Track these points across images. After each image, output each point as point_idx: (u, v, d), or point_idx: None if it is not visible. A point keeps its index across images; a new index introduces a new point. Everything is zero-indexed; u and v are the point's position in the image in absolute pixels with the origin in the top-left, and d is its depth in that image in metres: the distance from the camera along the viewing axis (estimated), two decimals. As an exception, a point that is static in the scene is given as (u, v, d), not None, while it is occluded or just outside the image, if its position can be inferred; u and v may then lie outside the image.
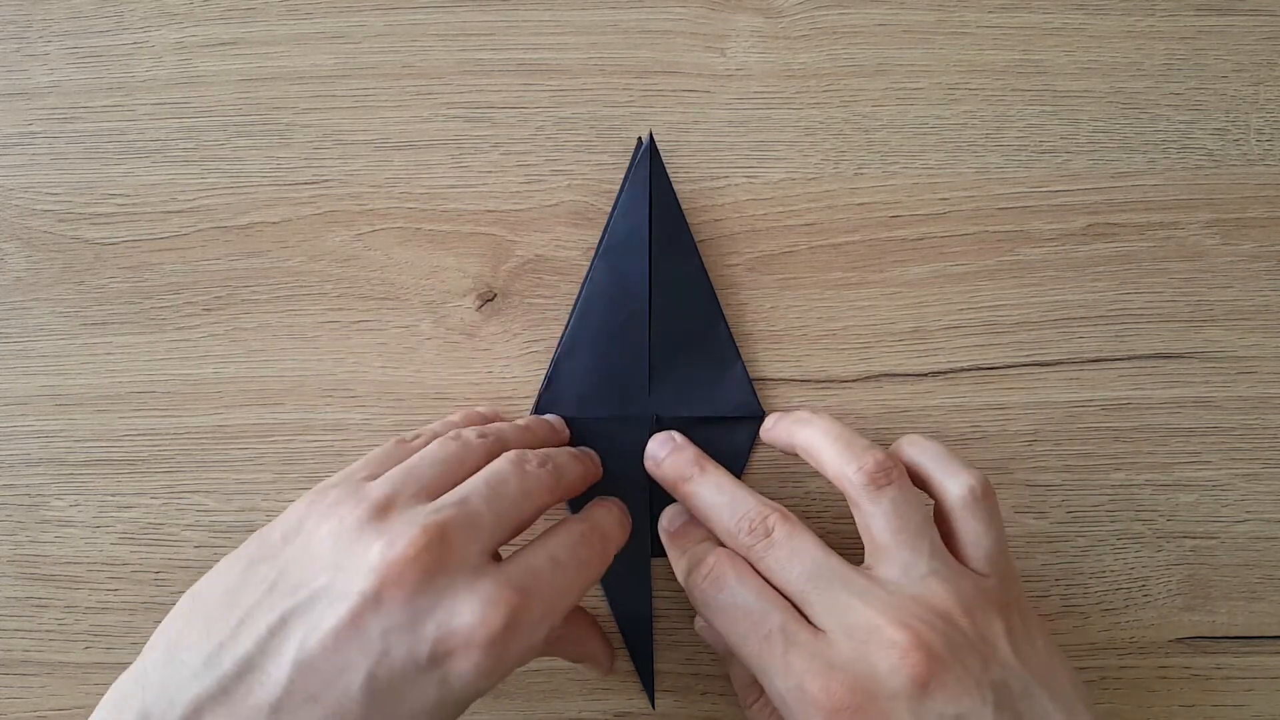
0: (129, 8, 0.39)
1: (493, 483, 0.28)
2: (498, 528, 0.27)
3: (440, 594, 0.25)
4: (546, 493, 0.29)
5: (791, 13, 0.39)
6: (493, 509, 0.27)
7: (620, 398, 0.36)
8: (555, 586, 0.27)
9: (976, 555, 0.30)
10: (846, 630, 0.28)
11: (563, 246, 0.38)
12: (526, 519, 0.29)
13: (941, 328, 0.37)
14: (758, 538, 0.30)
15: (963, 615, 0.28)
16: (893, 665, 0.27)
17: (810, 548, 0.30)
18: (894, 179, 0.38)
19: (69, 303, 0.38)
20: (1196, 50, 0.39)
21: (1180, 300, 0.38)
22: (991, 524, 0.30)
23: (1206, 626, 0.36)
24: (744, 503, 0.31)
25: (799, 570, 0.29)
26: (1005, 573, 0.30)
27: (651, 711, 0.36)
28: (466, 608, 0.25)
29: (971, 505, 0.30)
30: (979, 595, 0.29)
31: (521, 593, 0.26)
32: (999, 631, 0.28)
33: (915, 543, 0.29)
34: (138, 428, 0.37)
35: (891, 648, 0.27)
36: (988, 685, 0.27)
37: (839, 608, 0.28)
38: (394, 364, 0.37)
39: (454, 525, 0.26)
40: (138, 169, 0.38)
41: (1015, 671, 0.28)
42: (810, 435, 0.32)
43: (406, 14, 0.39)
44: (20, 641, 0.36)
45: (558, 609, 0.27)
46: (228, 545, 0.36)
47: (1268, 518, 0.37)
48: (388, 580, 0.25)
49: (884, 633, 0.27)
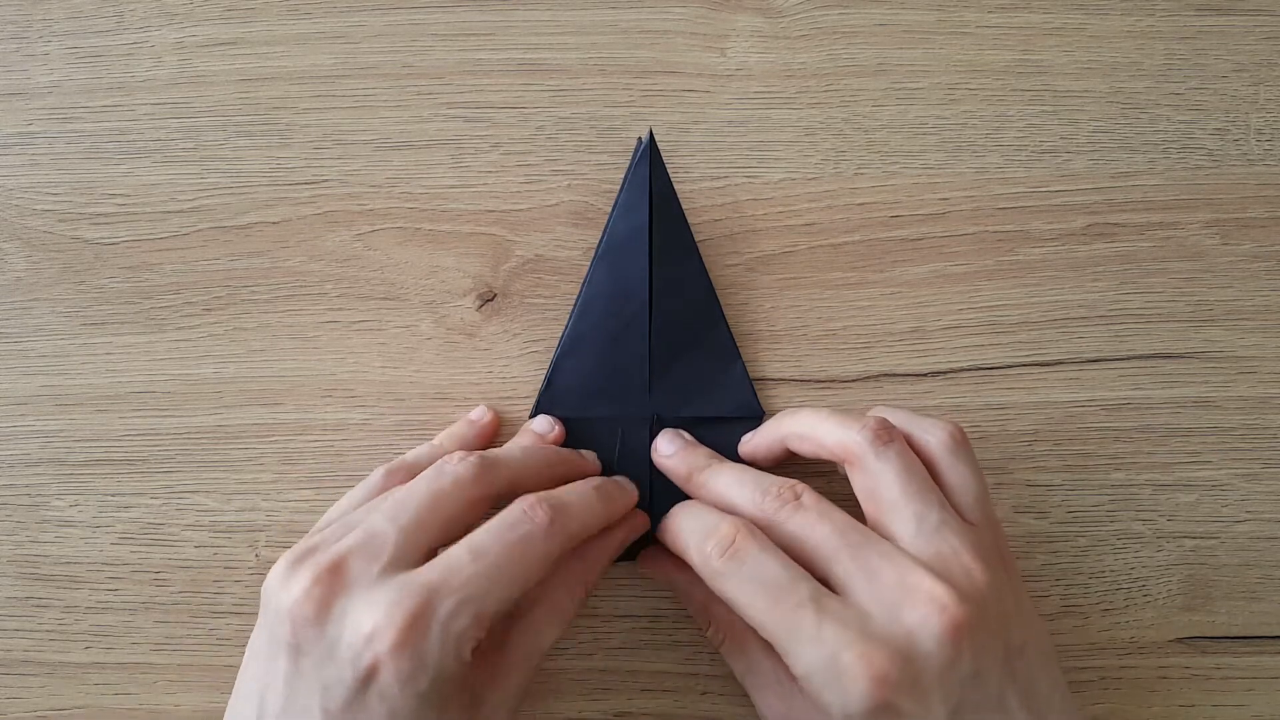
0: (129, 8, 0.39)
1: (397, 495, 0.29)
2: (406, 541, 0.28)
3: (343, 615, 0.26)
4: (469, 484, 0.29)
5: (791, 13, 0.39)
6: (396, 523, 0.28)
7: (620, 397, 0.36)
8: (475, 575, 0.27)
9: (966, 501, 0.30)
10: (877, 594, 0.27)
11: (563, 246, 0.38)
12: (446, 516, 0.29)
13: (941, 328, 0.37)
14: (786, 501, 0.30)
15: (980, 568, 0.28)
16: (926, 622, 0.27)
17: (837, 511, 0.30)
18: (894, 179, 0.38)
19: (69, 303, 0.38)
20: (1196, 50, 0.39)
21: (1180, 300, 0.38)
22: (973, 469, 0.31)
23: (1206, 626, 0.36)
24: (769, 478, 0.31)
25: (828, 530, 0.29)
26: (995, 523, 0.31)
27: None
28: (366, 617, 0.26)
29: (954, 450, 0.31)
30: (982, 548, 0.29)
31: (425, 589, 0.26)
32: (1004, 584, 0.29)
33: (925, 495, 0.29)
34: (138, 428, 0.37)
35: (929, 602, 0.27)
36: (1001, 642, 0.28)
37: (868, 570, 0.28)
38: (394, 364, 0.37)
39: (349, 553, 0.27)
40: (138, 169, 0.38)
41: (1016, 628, 0.28)
42: (801, 419, 0.32)
43: (406, 14, 0.39)
44: (20, 641, 0.36)
45: (481, 597, 0.27)
46: (228, 545, 0.36)
47: (1268, 518, 0.37)
48: (296, 621, 0.26)
49: (919, 587, 0.27)
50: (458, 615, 0.26)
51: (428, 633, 0.26)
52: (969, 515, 0.30)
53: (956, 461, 0.31)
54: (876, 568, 0.28)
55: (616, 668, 0.36)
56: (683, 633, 0.36)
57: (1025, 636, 0.28)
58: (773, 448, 0.34)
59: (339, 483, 0.37)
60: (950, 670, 0.26)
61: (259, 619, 0.28)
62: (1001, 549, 0.30)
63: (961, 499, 0.30)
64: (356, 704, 0.26)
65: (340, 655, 0.26)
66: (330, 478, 0.37)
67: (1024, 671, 0.28)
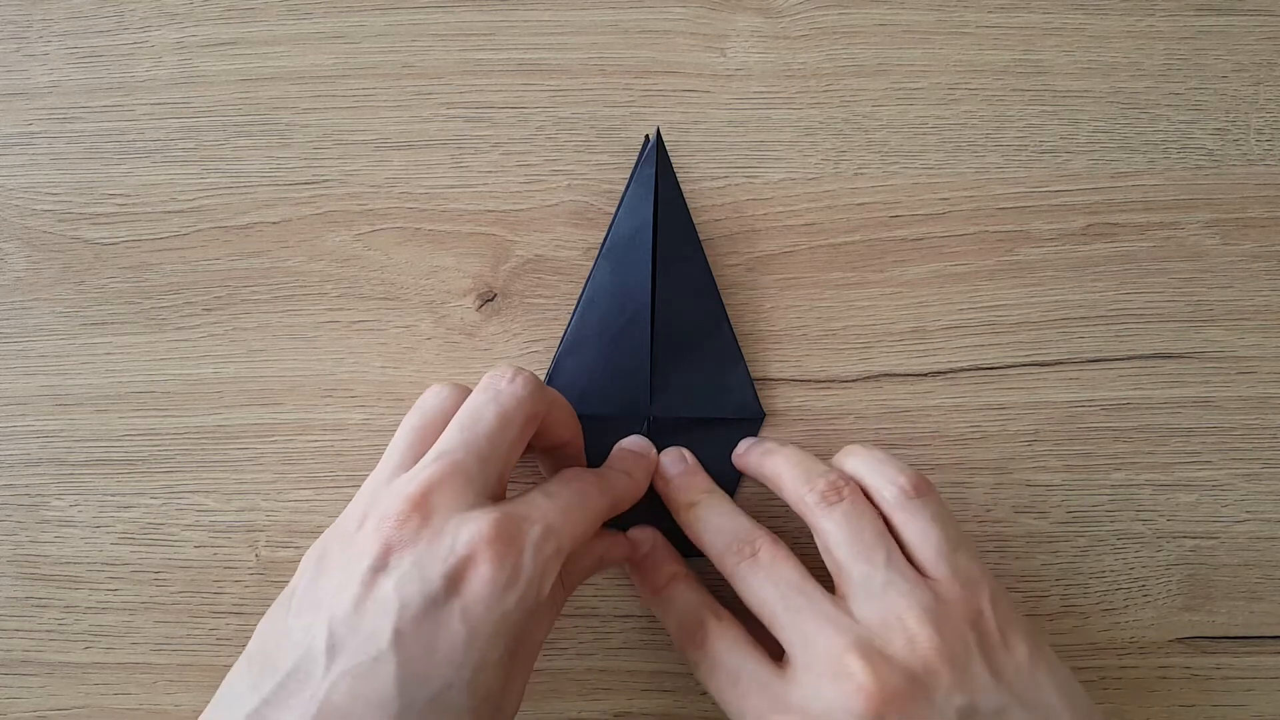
0: (129, 8, 0.39)
1: (466, 424, 0.28)
2: (490, 469, 0.28)
3: (438, 534, 0.26)
4: (527, 402, 0.29)
5: (791, 13, 0.39)
6: (473, 452, 0.28)
7: (621, 397, 0.36)
8: (552, 509, 0.28)
9: (927, 556, 0.29)
10: (807, 662, 0.28)
11: (563, 246, 0.38)
12: (513, 439, 0.29)
13: (941, 328, 0.37)
14: (743, 557, 0.30)
15: (926, 631, 0.27)
16: (845, 701, 0.26)
17: (789, 571, 0.30)
18: (894, 179, 0.38)
19: (69, 303, 0.38)
20: (1196, 50, 0.39)
21: (1180, 300, 0.38)
22: (934, 521, 0.29)
23: (1206, 626, 0.36)
24: (739, 526, 0.32)
25: (774, 592, 0.29)
26: (968, 575, 0.29)
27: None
28: (465, 530, 0.26)
29: (905, 504, 0.29)
30: (941, 606, 0.27)
31: (515, 515, 0.27)
32: (969, 644, 0.27)
33: (870, 554, 0.28)
34: (138, 428, 0.37)
35: (848, 680, 0.26)
36: (952, 712, 0.26)
37: (804, 636, 0.28)
38: (394, 364, 0.37)
39: (439, 482, 0.27)
40: (138, 169, 0.38)
41: (987, 691, 0.26)
42: (774, 464, 0.32)
43: (406, 14, 0.39)
44: (20, 641, 0.36)
45: (561, 530, 0.27)
46: (228, 545, 0.36)
47: (1268, 518, 0.37)
48: (390, 539, 0.26)
49: (842, 664, 0.27)
50: (547, 540, 0.27)
51: (522, 550, 0.26)
52: (931, 571, 0.29)
53: (908, 514, 0.29)
54: (813, 638, 0.28)
55: (616, 668, 0.36)
56: (683, 633, 0.36)
57: (1005, 698, 0.26)
58: (756, 477, 0.34)
59: (339, 483, 0.37)
60: None
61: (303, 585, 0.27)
62: (973, 601, 0.28)
63: (921, 554, 0.29)
64: (434, 621, 0.25)
65: (432, 569, 0.25)
66: (330, 478, 0.37)
67: None
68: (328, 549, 0.27)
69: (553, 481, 0.30)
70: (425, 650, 0.24)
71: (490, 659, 0.25)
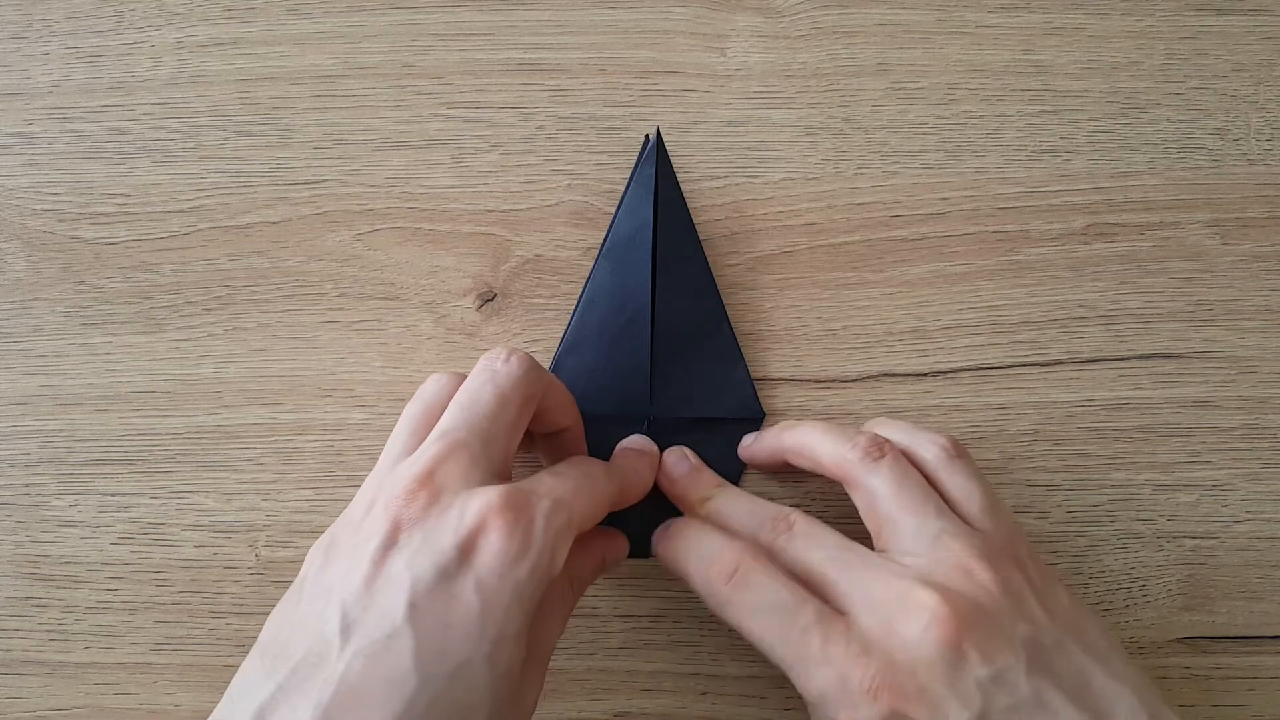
0: (129, 8, 0.39)
1: (465, 404, 0.28)
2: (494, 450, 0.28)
3: (447, 508, 0.26)
4: (523, 383, 0.29)
5: (791, 13, 0.39)
6: (475, 432, 0.28)
7: (621, 397, 0.36)
8: (560, 486, 0.28)
9: (971, 510, 0.30)
10: (872, 607, 0.27)
11: (563, 246, 0.38)
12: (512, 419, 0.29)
13: (941, 328, 0.37)
14: (779, 531, 0.30)
15: (984, 569, 0.27)
16: (923, 631, 0.26)
17: (830, 535, 0.30)
18: (894, 179, 0.38)
19: (69, 303, 0.38)
20: (1196, 50, 0.39)
21: (1180, 300, 0.38)
22: (974, 477, 0.30)
23: (1206, 626, 0.36)
24: (764, 507, 0.31)
25: (821, 554, 0.29)
26: (1009, 528, 0.30)
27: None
28: (473, 502, 0.26)
29: (949, 462, 0.30)
30: (992, 550, 0.28)
31: (524, 489, 0.27)
32: (1022, 584, 0.28)
33: (920, 506, 0.29)
34: (138, 428, 0.37)
35: (921, 611, 0.26)
36: (1019, 641, 0.27)
37: (862, 584, 0.28)
38: (394, 364, 0.37)
39: (444, 460, 0.27)
40: (138, 169, 0.38)
41: (1044, 625, 0.27)
42: (800, 434, 0.32)
43: (406, 14, 0.39)
44: (20, 641, 0.36)
45: (570, 504, 0.27)
46: (228, 545, 0.36)
47: (1268, 518, 0.37)
48: (399, 515, 0.26)
49: (911, 598, 0.27)
50: (557, 512, 0.26)
51: (533, 520, 0.26)
52: (977, 523, 0.29)
53: (955, 472, 0.30)
54: (871, 585, 0.28)
55: (616, 668, 0.36)
56: (683, 633, 0.36)
57: (1060, 634, 0.27)
58: (772, 457, 0.34)
59: (339, 483, 0.37)
60: (959, 676, 0.26)
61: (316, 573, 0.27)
62: (1017, 551, 0.29)
63: (966, 508, 0.30)
64: (448, 593, 0.24)
65: (445, 527, 0.25)
66: (330, 478, 0.37)
67: (1067, 667, 0.27)
68: (336, 537, 0.27)
69: (560, 465, 0.30)
70: (441, 624, 0.24)
71: (508, 632, 0.25)
